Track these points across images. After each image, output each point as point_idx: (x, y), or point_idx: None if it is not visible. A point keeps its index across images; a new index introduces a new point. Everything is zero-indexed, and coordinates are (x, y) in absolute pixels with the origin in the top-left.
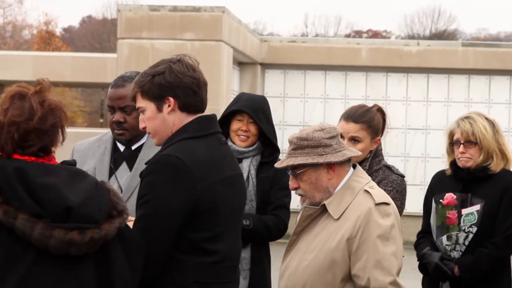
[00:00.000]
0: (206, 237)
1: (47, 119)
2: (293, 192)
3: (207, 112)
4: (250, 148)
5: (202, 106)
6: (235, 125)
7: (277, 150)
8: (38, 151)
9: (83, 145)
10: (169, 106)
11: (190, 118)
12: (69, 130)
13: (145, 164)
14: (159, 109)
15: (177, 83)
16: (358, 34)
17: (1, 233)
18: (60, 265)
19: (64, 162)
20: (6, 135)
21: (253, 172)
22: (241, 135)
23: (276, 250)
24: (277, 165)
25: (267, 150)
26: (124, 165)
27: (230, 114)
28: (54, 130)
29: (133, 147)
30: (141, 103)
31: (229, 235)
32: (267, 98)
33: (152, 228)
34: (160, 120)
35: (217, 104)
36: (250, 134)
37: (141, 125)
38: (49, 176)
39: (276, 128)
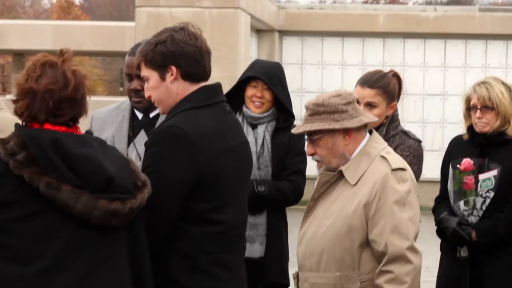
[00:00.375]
0: (211, 207)
1: (79, 89)
2: (309, 159)
3: (226, 79)
4: (265, 114)
5: (205, 74)
6: (250, 91)
7: (292, 116)
8: (69, 121)
9: (101, 113)
10: (171, 75)
11: (194, 87)
12: (92, 98)
13: (149, 134)
14: (162, 78)
15: (179, 52)
16: (376, 0)
17: (38, 203)
18: (99, 235)
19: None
20: (40, 102)
21: (268, 138)
22: (255, 101)
23: (294, 216)
24: (293, 131)
25: (282, 116)
26: (142, 133)
27: (245, 81)
28: (83, 100)
29: (151, 115)
30: (145, 72)
31: (234, 204)
32: (285, 65)
33: (156, 199)
34: (163, 89)
35: (234, 71)
36: (264, 100)
37: (146, 94)
38: (84, 147)
39: (294, 95)
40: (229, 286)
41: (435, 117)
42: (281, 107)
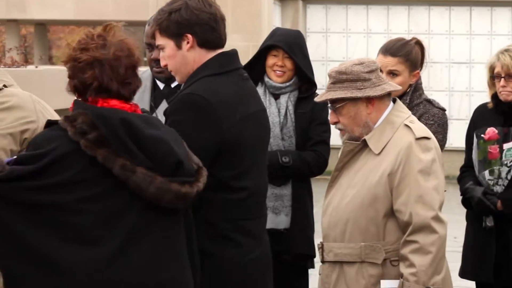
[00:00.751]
0: (233, 174)
1: (138, 58)
2: (333, 128)
3: (249, 48)
4: (287, 84)
5: (221, 41)
6: (271, 60)
7: (314, 85)
8: (132, 93)
9: None
10: (188, 43)
11: (210, 54)
12: None
13: (168, 103)
14: (178, 47)
15: (194, 19)
16: None
17: (108, 183)
18: (164, 217)
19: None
20: (110, 71)
21: (291, 108)
22: (276, 70)
23: (320, 186)
24: (316, 99)
25: (304, 86)
26: (164, 103)
27: (266, 50)
28: (138, 72)
29: (173, 85)
30: (160, 40)
31: (255, 171)
32: (309, 34)
33: None
34: (180, 58)
35: (258, 40)
36: (286, 69)
37: (162, 63)
38: (152, 128)
39: (319, 64)
40: (253, 253)
41: (461, 85)
42: (303, 76)
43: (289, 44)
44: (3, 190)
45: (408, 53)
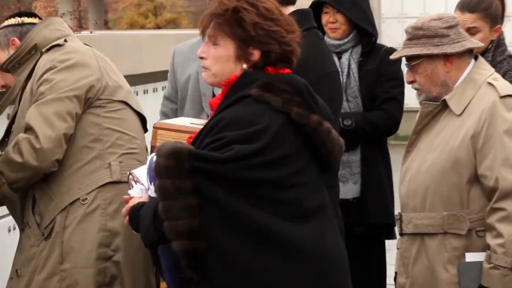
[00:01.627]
0: None
1: None
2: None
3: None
4: (345, 40)
5: None
6: (324, 18)
7: (373, 36)
8: None
9: (184, 47)
10: None
11: (283, 10)
12: (173, 32)
13: None
14: None
15: None
16: None
17: (308, 152)
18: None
19: None
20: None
21: (353, 66)
22: (330, 27)
23: (396, 152)
24: (392, 56)
25: (365, 39)
26: None
27: (319, 9)
28: None
29: None
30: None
31: None
32: None
33: None
34: None
35: None
36: (338, 24)
37: None
38: None
39: (395, 21)
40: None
41: None
42: (361, 30)
43: None
44: (225, 172)
45: (487, 8)
